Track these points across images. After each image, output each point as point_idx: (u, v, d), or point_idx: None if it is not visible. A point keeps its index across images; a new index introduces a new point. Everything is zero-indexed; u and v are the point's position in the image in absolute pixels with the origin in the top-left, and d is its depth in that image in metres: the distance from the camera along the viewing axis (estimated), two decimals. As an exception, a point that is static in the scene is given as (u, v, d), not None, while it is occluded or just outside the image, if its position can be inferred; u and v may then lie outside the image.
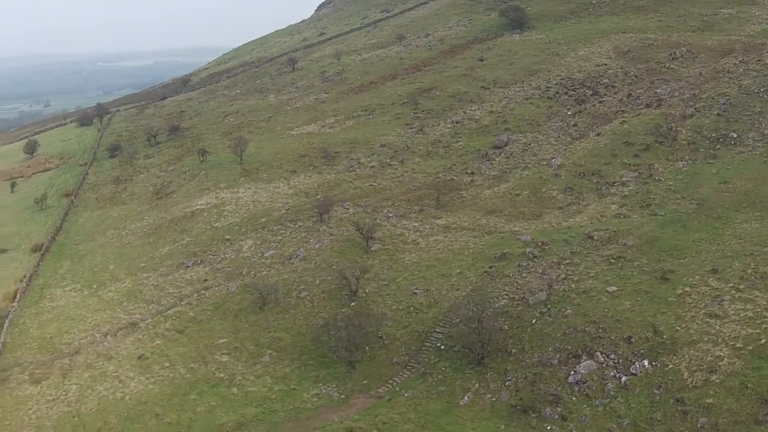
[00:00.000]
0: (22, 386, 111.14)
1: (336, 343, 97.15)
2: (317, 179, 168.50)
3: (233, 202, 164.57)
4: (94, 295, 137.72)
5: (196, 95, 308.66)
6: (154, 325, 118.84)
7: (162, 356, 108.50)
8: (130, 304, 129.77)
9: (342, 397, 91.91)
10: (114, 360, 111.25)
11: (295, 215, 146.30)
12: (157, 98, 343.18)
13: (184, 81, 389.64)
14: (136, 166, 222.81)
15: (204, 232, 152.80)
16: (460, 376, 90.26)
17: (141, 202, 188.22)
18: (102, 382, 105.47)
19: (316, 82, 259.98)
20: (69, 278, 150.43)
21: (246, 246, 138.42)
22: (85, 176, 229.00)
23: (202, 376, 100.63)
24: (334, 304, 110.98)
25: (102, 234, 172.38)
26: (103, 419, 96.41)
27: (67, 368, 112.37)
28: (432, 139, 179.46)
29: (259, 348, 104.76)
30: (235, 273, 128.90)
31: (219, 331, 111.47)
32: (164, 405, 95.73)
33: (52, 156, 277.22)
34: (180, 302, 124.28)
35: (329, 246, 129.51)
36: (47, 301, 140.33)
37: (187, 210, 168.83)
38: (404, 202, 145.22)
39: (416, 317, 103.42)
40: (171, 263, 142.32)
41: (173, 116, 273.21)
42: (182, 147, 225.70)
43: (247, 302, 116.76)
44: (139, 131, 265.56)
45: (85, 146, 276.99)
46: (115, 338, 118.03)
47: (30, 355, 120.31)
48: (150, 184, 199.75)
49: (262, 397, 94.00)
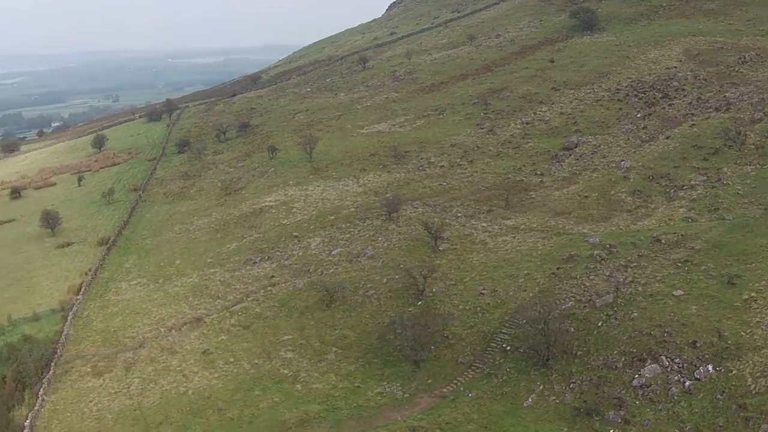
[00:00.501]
0: (84, 378, 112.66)
1: (402, 342, 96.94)
2: (387, 178, 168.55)
3: (302, 199, 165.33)
4: (160, 290, 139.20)
5: (266, 93, 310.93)
6: (220, 320, 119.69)
7: (226, 351, 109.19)
8: (196, 299, 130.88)
9: (406, 396, 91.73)
10: (178, 354, 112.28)
11: (364, 213, 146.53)
12: (227, 95, 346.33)
13: (254, 78, 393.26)
14: (205, 162, 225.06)
15: (272, 228, 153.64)
16: (524, 377, 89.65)
17: (209, 198, 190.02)
18: (165, 376, 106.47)
19: (386, 81, 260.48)
20: (135, 272, 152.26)
21: (314, 243, 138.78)
22: (153, 171, 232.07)
23: (266, 372, 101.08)
24: (400, 302, 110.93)
25: (169, 229, 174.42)
26: (165, 413, 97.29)
27: (130, 362, 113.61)
28: (502, 140, 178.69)
29: (325, 345, 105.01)
30: (302, 270, 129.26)
31: (285, 327, 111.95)
32: (227, 400, 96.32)
33: (121, 151, 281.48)
34: (246, 298, 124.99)
35: (397, 245, 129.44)
36: (112, 295, 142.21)
37: (255, 206, 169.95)
38: (473, 202, 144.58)
39: (482, 317, 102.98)
40: (238, 259, 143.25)
41: (243, 113, 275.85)
42: (252, 144, 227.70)
43: (313, 299, 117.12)
44: (208, 127, 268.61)
45: (154, 141, 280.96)
46: (179, 333, 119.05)
47: (93, 347, 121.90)
48: (218, 180, 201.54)
49: (326, 395, 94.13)
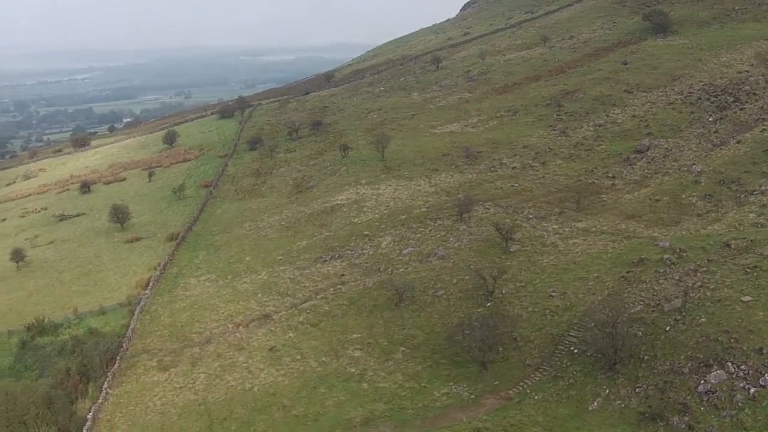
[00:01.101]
0: (150, 373, 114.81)
1: (470, 343, 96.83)
2: (459, 178, 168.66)
3: (373, 198, 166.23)
4: (229, 286, 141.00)
5: (339, 91, 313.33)
6: (288, 317, 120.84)
7: (294, 349, 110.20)
8: (265, 296, 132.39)
9: (472, 397, 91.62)
10: (245, 351, 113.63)
11: (435, 213, 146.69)
12: (300, 93, 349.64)
13: (328, 77, 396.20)
14: (277, 159, 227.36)
15: (343, 227, 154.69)
16: (591, 380, 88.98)
17: (280, 196, 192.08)
18: (231, 372, 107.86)
19: (460, 81, 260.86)
20: (204, 268, 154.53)
21: (384, 242, 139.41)
22: (224, 168, 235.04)
23: (333, 370, 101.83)
24: (470, 303, 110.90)
25: (239, 226, 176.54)
26: (230, 409, 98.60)
27: (196, 357, 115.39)
28: (574, 142, 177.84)
29: (393, 345, 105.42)
30: (372, 269, 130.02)
31: (353, 326, 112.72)
32: (293, 397, 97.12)
33: (192, 147, 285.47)
34: (315, 296, 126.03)
35: (468, 245, 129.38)
36: (180, 290, 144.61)
37: (326, 205, 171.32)
38: (545, 203, 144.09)
39: (551, 320, 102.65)
40: (308, 257, 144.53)
41: (316, 111, 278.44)
42: (324, 142, 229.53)
43: (382, 298, 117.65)
44: (280, 125, 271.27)
45: (226, 138, 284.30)
46: (247, 329, 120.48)
47: (160, 342, 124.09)
48: (290, 177, 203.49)
49: (392, 394, 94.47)
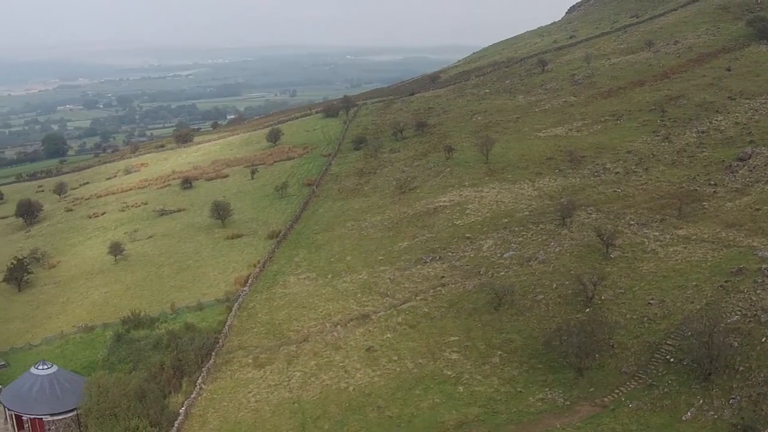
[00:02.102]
0: (245, 369, 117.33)
1: (566, 349, 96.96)
2: (562, 182, 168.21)
3: (476, 200, 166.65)
4: (329, 285, 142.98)
5: (444, 92, 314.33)
6: (387, 318, 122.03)
7: (391, 350, 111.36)
8: (364, 296, 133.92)
9: (567, 403, 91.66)
10: (342, 350, 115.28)
11: (538, 217, 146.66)
12: (405, 93, 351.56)
13: (433, 78, 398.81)
14: (381, 159, 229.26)
15: (445, 229, 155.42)
16: (685, 390, 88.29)
17: (383, 196, 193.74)
18: (327, 371, 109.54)
19: (565, 84, 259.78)
20: (304, 266, 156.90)
21: (486, 245, 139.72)
22: (328, 167, 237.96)
23: (429, 372, 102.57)
24: (568, 309, 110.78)
25: (341, 225, 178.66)
26: (324, 408, 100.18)
27: (293, 355, 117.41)
28: (677, 148, 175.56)
29: (490, 348, 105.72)
30: (472, 272, 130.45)
31: (451, 328, 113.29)
32: (387, 398, 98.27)
33: (296, 145, 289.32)
34: (415, 297, 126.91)
35: (569, 250, 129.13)
36: (280, 288, 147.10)
37: (429, 206, 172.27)
38: (646, 210, 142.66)
39: (648, 327, 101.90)
40: (409, 258, 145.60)
41: (421, 112, 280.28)
42: (428, 143, 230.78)
43: (482, 302, 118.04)
44: (385, 125, 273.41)
45: (330, 137, 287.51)
46: (345, 329, 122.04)
47: (256, 339, 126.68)
48: (393, 178, 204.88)
49: (487, 398, 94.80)
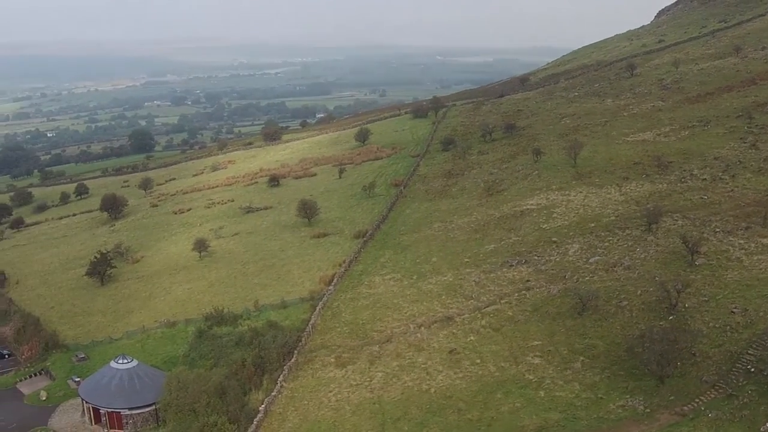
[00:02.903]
0: (327, 368, 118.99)
1: (648, 356, 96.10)
2: (648, 188, 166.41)
3: (563, 204, 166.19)
4: (414, 286, 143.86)
5: (533, 95, 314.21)
6: (470, 320, 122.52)
7: (474, 352, 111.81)
8: (449, 297, 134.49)
9: (647, 411, 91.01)
10: (424, 352, 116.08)
11: (624, 223, 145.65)
12: (495, 95, 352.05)
13: (523, 80, 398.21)
14: (469, 161, 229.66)
15: (531, 232, 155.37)
16: (765, 401, 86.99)
17: (471, 198, 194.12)
18: (409, 372, 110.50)
19: (653, 89, 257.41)
20: (390, 267, 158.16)
21: (572, 250, 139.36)
22: (416, 168, 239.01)
23: (511, 376, 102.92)
24: (652, 316, 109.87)
25: (428, 226, 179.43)
26: (404, 409, 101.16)
27: (375, 355, 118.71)
28: (764, 155, 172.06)
29: (573, 353, 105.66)
30: (557, 276, 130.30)
31: (534, 332, 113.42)
32: (468, 401, 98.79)
33: (384, 145, 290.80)
34: (499, 300, 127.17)
35: (654, 257, 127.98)
36: (364, 288, 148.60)
37: (516, 209, 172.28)
38: (732, 218, 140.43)
39: (731, 336, 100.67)
40: (495, 261, 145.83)
41: (510, 114, 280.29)
42: (517, 146, 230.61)
43: (566, 306, 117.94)
44: (474, 127, 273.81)
45: (418, 138, 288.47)
46: (428, 330, 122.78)
47: (339, 338, 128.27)
48: (481, 180, 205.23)
49: (568, 403, 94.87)
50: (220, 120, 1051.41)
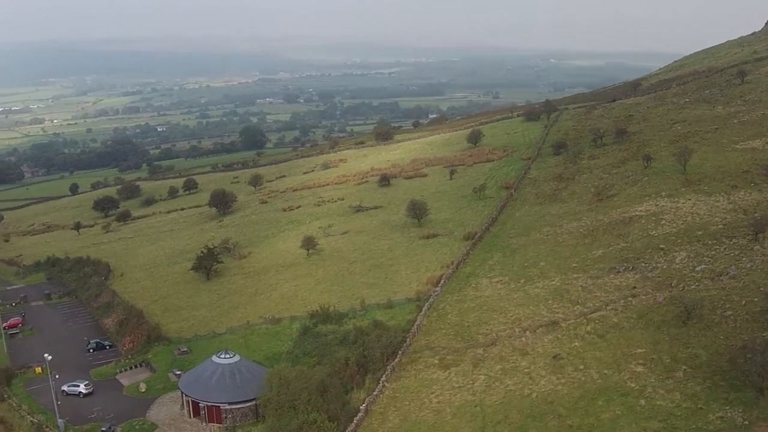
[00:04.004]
0: (430, 370, 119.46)
1: (749, 368, 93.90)
2: (757, 197, 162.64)
3: (672, 211, 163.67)
4: (520, 290, 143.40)
5: (644, 100, 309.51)
6: (576, 326, 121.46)
7: (577, 358, 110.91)
8: (555, 302, 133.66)
9: (745, 423, 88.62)
10: (528, 356, 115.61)
11: (731, 231, 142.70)
12: (606, 100, 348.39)
13: (634, 85, 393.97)
14: (580, 165, 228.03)
15: (639, 239, 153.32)
16: None
17: (580, 203, 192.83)
18: (512, 376, 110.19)
19: (763, 96, 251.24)
20: (497, 270, 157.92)
21: (679, 258, 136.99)
22: (526, 171, 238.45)
23: (613, 383, 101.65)
24: (756, 327, 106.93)
25: (537, 230, 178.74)
26: (505, 413, 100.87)
27: (479, 358, 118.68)
28: None
29: (675, 362, 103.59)
30: (664, 284, 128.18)
31: (638, 340, 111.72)
32: (569, 407, 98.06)
33: (495, 148, 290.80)
34: (605, 306, 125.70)
35: (760, 267, 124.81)
36: (471, 290, 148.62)
37: (625, 215, 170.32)
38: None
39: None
40: (602, 267, 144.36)
41: (621, 119, 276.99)
42: (627, 151, 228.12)
43: (670, 314, 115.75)
44: (585, 131, 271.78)
45: (530, 141, 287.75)
46: (533, 334, 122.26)
47: (444, 340, 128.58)
48: (591, 185, 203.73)
49: (668, 413, 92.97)
50: (332, 118, 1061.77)
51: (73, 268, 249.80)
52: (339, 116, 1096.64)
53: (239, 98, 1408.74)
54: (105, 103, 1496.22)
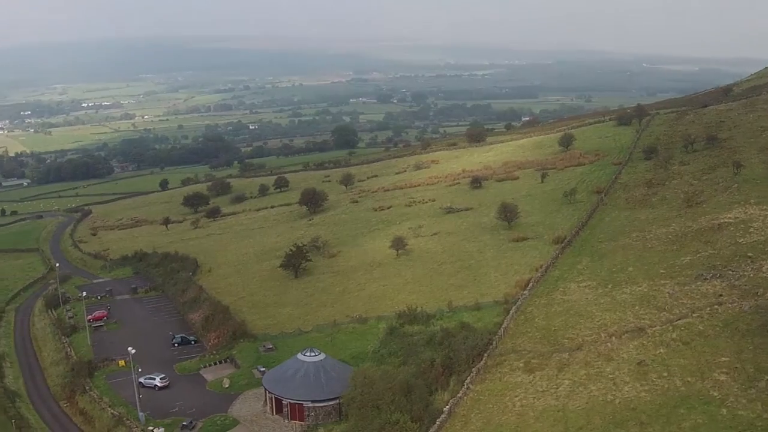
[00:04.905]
0: (515, 373, 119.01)
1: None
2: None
3: (761, 219, 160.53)
4: (608, 295, 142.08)
5: (735, 106, 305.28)
6: (661, 333, 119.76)
7: (662, 365, 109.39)
8: (642, 308, 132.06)
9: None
10: (613, 362, 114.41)
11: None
12: (698, 105, 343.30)
13: (726, 91, 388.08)
14: (670, 171, 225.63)
15: (727, 246, 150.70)
16: None
17: (670, 208, 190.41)
18: (596, 382, 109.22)
19: None
20: (586, 274, 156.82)
21: (766, 266, 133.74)
22: (617, 176, 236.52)
23: (695, 391, 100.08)
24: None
25: (626, 235, 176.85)
26: (587, 419, 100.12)
27: (564, 363, 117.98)
28: None
29: (759, 372, 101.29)
30: (750, 292, 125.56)
31: (723, 348, 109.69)
32: (651, 415, 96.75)
33: (587, 151, 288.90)
34: (691, 314, 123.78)
35: None
36: (559, 294, 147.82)
37: (713, 222, 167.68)
38: None
39: None
40: (690, 273, 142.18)
41: (711, 125, 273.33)
42: (717, 157, 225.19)
43: (756, 323, 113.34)
44: (676, 136, 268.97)
45: (621, 145, 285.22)
46: (619, 340, 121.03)
47: (530, 344, 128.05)
48: (681, 191, 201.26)
49: (749, 423, 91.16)
50: (425, 119, 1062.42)
51: (161, 263, 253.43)
52: (432, 117, 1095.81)
53: (332, 97, 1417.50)
54: (197, 100, 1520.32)
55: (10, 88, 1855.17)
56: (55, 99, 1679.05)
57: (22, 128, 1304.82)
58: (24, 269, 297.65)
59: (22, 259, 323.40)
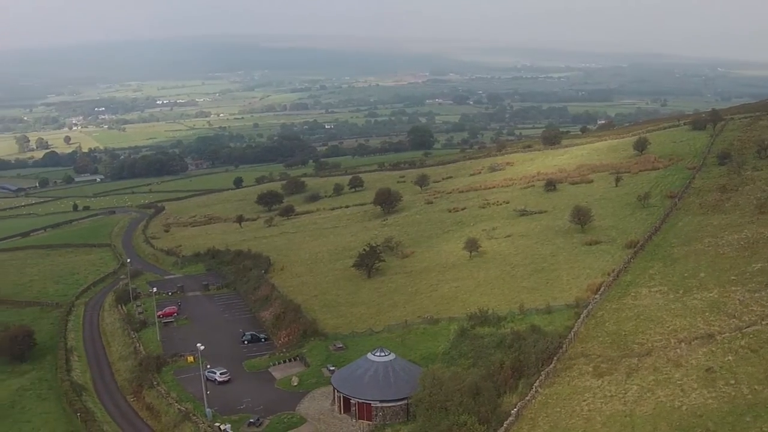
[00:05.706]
0: (584, 377, 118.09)
1: None
2: None
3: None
4: (678, 301, 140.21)
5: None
6: (730, 340, 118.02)
7: (729, 372, 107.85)
8: (712, 314, 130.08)
9: None
10: (682, 368, 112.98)
11: None
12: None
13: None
14: (744, 176, 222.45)
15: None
16: None
17: (743, 214, 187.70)
18: (664, 388, 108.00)
19: None
20: (657, 279, 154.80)
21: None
22: (691, 180, 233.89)
23: (762, 399, 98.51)
24: None
25: (699, 240, 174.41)
26: (654, 424, 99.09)
27: (633, 368, 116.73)
28: None
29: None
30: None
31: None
32: (718, 422, 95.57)
33: (661, 156, 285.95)
34: (761, 321, 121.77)
35: None
36: (630, 299, 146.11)
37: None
38: None
39: None
40: (761, 280, 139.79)
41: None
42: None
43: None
44: (750, 142, 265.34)
45: (696, 150, 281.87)
46: (688, 346, 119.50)
47: (600, 348, 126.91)
48: (754, 197, 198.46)
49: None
50: (501, 121, 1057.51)
51: (233, 260, 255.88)
52: (508, 119, 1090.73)
53: (408, 98, 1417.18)
54: (272, 99, 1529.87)
55: (85, 84, 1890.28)
56: (130, 96, 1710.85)
57: (96, 124, 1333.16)
58: (95, 264, 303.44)
59: (94, 254, 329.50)
